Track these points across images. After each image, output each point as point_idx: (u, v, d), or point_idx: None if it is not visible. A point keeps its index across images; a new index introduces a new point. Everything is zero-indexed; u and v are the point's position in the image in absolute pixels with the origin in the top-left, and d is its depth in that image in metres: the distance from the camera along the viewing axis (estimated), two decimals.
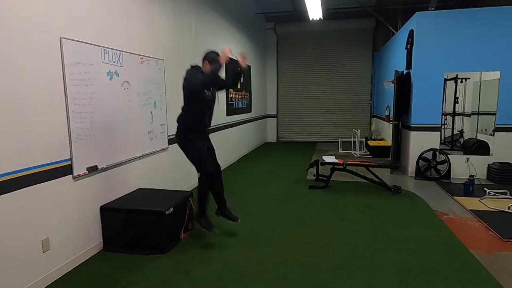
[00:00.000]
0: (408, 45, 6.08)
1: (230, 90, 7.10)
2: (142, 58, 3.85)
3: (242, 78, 3.36)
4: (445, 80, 6.24)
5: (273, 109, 11.05)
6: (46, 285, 2.59)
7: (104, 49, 3.21)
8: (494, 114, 6.61)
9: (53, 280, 2.66)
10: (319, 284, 2.58)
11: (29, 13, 2.42)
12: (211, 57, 3.28)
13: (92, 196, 3.12)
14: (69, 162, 2.82)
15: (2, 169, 2.24)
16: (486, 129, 7.10)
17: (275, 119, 11.11)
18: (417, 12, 5.78)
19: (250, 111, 8.91)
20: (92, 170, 3.08)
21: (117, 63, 3.41)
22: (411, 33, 5.98)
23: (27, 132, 2.43)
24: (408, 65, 6.09)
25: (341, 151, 8.74)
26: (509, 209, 4.03)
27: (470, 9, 5.60)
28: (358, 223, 3.82)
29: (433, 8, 5.88)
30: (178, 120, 3.34)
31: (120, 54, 3.45)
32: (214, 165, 3.41)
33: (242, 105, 8.17)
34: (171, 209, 3.17)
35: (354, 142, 8.55)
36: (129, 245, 3.15)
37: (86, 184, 3.03)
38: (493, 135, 6.15)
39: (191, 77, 3.18)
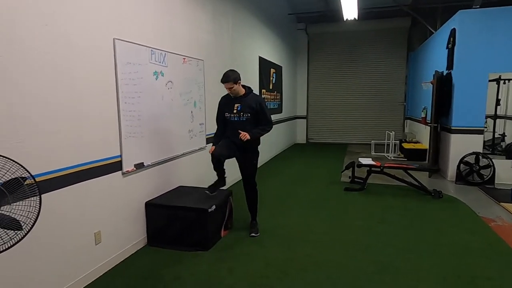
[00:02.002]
0: (450, 45, 5.87)
1: (262, 90, 7.13)
2: (184, 59, 3.94)
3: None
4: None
5: (302, 110, 10.99)
6: (97, 277, 2.70)
7: (151, 50, 3.32)
8: None
9: (103, 272, 2.77)
10: (363, 286, 2.54)
11: (85, 15, 2.53)
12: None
13: (138, 192, 3.23)
14: (119, 159, 2.93)
15: (60, 164, 2.36)
16: None
17: (305, 120, 11.03)
18: (460, 10, 5.58)
19: (281, 112, 8.91)
20: (139, 167, 3.18)
21: (162, 63, 3.51)
22: (453, 32, 5.77)
23: (83, 129, 2.55)
24: (449, 65, 5.88)
25: (373, 153, 8.56)
26: None
27: None
28: (398, 226, 3.73)
29: (478, 6, 5.64)
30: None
31: (165, 54, 3.55)
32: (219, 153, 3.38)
33: (274, 105, 8.19)
34: (214, 207, 3.23)
35: (388, 144, 8.35)
36: (172, 241, 3.24)
37: (133, 180, 3.13)
38: None
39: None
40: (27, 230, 1.63)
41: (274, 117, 8.09)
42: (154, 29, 3.39)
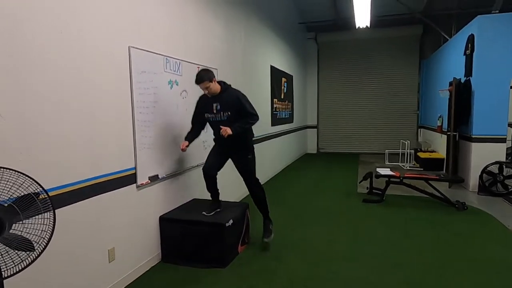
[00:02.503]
0: (468, 51, 5.72)
1: (274, 100, 7.02)
2: (198, 67, 3.82)
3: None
4: None
5: (313, 119, 10.85)
6: None
7: (166, 58, 3.22)
8: None
9: None
10: None
11: (100, 22, 2.44)
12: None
13: (153, 205, 3.09)
14: (133, 171, 2.80)
15: (73, 178, 2.23)
16: None
17: (315, 129, 10.88)
18: (478, 16, 5.43)
19: (292, 122, 8.77)
20: (154, 179, 3.05)
21: (177, 72, 3.41)
22: (471, 38, 5.62)
23: (97, 140, 2.43)
24: (468, 72, 5.71)
25: (387, 163, 8.35)
26: None
27: None
28: (425, 240, 3.52)
29: (497, 11, 5.49)
30: None
31: (180, 63, 3.45)
32: (210, 167, 3.30)
33: (285, 115, 8.06)
34: (231, 221, 3.07)
35: (403, 154, 8.14)
36: (187, 257, 3.08)
37: (147, 193, 3.00)
38: None
39: None
40: (40, 250, 1.49)
41: (285, 127, 7.98)
42: (168, 37, 3.30)
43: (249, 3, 5.49)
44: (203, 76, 3.05)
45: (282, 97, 7.71)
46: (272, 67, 6.81)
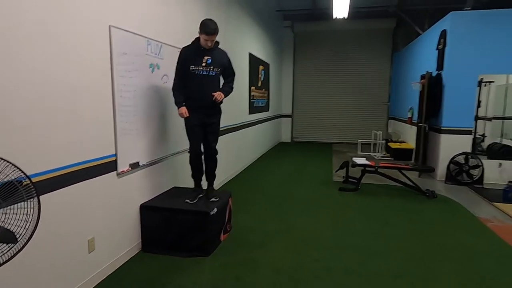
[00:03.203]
0: (440, 46, 5.92)
1: (251, 87, 6.95)
2: (179, 51, 3.69)
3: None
4: None
5: (288, 108, 10.90)
6: (91, 287, 2.44)
7: (148, 40, 3.06)
8: None
9: (97, 283, 2.51)
10: None
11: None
12: (200, 24, 2.95)
13: (133, 193, 2.97)
14: (114, 158, 2.67)
15: (51, 165, 2.08)
16: (506, 134, 6.97)
17: (290, 118, 10.95)
18: (451, 12, 5.62)
19: (268, 110, 8.76)
20: (135, 166, 2.93)
21: (158, 55, 3.26)
22: (443, 34, 5.82)
23: (77, 124, 2.27)
24: (440, 66, 5.93)
25: (360, 152, 8.58)
26: None
27: (507, 9, 5.43)
28: (402, 229, 3.65)
29: (469, 8, 5.71)
30: None
31: (161, 46, 3.30)
32: (205, 147, 3.21)
33: (262, 103, 8.02)
34: (215, 210, 3.02)
35: (374, 144, 8.39)
36: (169, 247, 3.00)
37: (128, 181, 2.88)
38: None
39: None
40: (24, 242, 1.38)
41: (261, 115, 7.96)
42: (150, 18, 3.14)
43: None
44: (216, 29, 2.94)
45: (259, 85, 7.66)
46: (250, 54, 6.72)
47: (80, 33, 2.27)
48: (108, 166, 2.61)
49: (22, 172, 1.36)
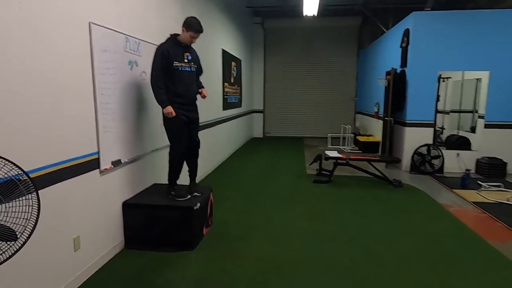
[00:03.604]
0: (403, 44, 6.27)
1: (225, 84, 7.00)
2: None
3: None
4: None
5: (259, 104, 11.04)
6: (78, 286, 2.44)
7: (126, 37, 3.05)
8: (471, 112, 7.06)
9: (84, 280, 2.51)
10: (358, 276, 2.62)
11: None
12: (187, 22, 3.10)
13: (116, 191, 2.98)
14: (96, 156, 2.66)
15: (34, 164, 2.06)
16: (462, 126, 7.54)
17: (262, 114, 11.10)
18: (413, 12, 5.97)
19: (241, 106, 8.85)
20: (117, 164, 2.93)
21: (136, 52, 3.26)
22: (406, 32, 6.16)
23: (59, 123, 2.26)
24: (403, 63, 6.29)
25: (330, 146, 8.89)
26: (508, 200, 4.28)
27: (464, 11, 5.87)
28: (372, 216, 3.91)
29: (429, 9, 6.09)
30: None
31: (139, 43, 3.30)
32: (188, 143, 3.24)
33: (235, 99, 8.09)
34: (199, 204, 3.09)
35: (344, 137, 8.74)
36: (153, 242, 3.04)
37: (110, 179, 2.88)
38: (472, 132, 6.59)
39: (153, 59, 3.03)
40: (24, 239, 1.40)
41: (234, 111, 8.03)
42: (128, 15, 3.13)
43: None
44: (202, 26, 3.09)
45: (232, 81, 7.72)
46: (223, 51, 6.76)
47: (61, 30, 2.24)
48: (90, 164, 2.60)
49: (21, 169, 1.38)
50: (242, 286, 2.49)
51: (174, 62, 3.03)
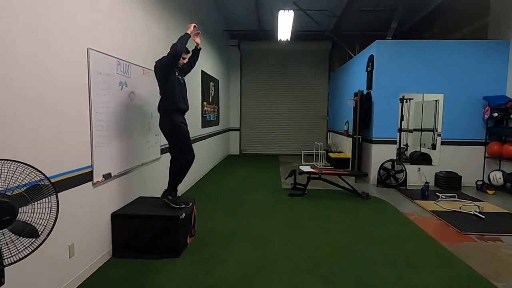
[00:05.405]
0: (369, 68, 6.89)
1: (204, 103, 7.33)
2: (144, 70, 3.99)
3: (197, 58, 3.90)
4: None
5: (236, 122, 11.41)
6: None
7: (118, 61, 3.34)
8: (432, 130, 7.75)
9: (77, 285, 2.69)
10: (329, 273, 2.95)
11: (60, 24, 2.52)
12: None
13: (106, 203, 3.18)
14: (90, 169, 2.89)
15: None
16: (424, 144, 8.22)
17: (238, 132, 11.46)
18: (376, 40, 6.61)
19: (218, 124, 9.17)
20: (107, 177, 3.15)
21: (126, 74, 3.54)
22: (371, 58, 6.79)
23: (60, 139, 2.50)
24: (369, 86, 6.89)
25: (304, 162, 9.33)
26: (460, 209, 4.80)
27: (421, 40, 6.58)
28: (342, 224, 4.28)
29: (390, 38, 6.76)
30: (159, 108, 3.48)
31: (128, 65, 3.59)
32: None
33: (213, 117, 8.42)
34: (184, 214, 3.34)
35: (316, 154, 9.21)
36: (140, 251, 3.24)
37: (101, 191, 3.09)
38: (432, 149, 7.23)
39: (163, 58, 3.45)
40: (45, 236, 1.63)
41: (212, 129, 8.34)
42: (119, 40, 3.43)
43: (186, 12, 5.75)
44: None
45: (210, 100, 8.07)
46: (202, 72, 7.12)
47: (63, 55, 2.52)
48: (85, 177, 2.83)
49: (44, 175, 1.63)
50: (226, 286, 2.75)
51: (176, 72, 3.46)
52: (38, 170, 1.61)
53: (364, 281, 2.84)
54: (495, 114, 6.01)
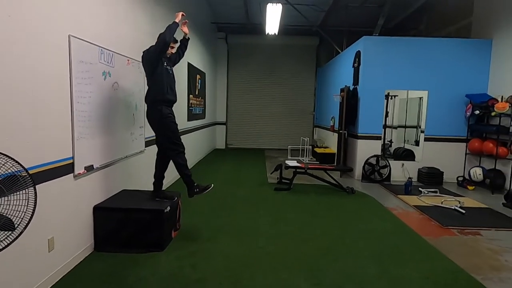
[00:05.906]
0: (355, 64, 6.92)
1: (190, 95, 7.23)
2: (128, 60, 3.89)
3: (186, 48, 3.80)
4: None
5: (222, 116, 11.33)
6: (51, 285, 2.54)
7: (101, 49, 3.23)
8: (415, 127, 7.88)
9: (57, 280, 2.61)
10: (315, 267, 2.96)
11: (40, 7, 2.41)
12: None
13: (88, 195, 3.10)
14: (71, 161, 2.80)
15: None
16: (408, 140, 8.36)
17: (224, 126, 11.38)
18: (364, 36, 6.64)
19: (204, 118, 9.08)
20: (89, 169, 3.06)
21: (110, 63, 3.44)
22: (358, 54, 6.82)
23: (39, 129, 2.40)
24: (355, 81, 6.92)
25: (290, 157, 9.34)
26: (441, 204, 4.90)
27: (407, 37, 6.64)
28: (328, 218, 4.31)
29: (377, 34, 6.80)
30: (147, 99, 3.39)
31: (112, 55, 3.48)
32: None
33: (199, 111, 8.32)
34: (168, 208, 3.29)
35: (302, 149, 9.25)
36: (122, 245, 3.17)
37: (83, 183, 3.00)
38: (416, 145, 7.36)
39: (151, 48, 3.36)
40: (21, 229, 1.56)
41: (198, 123, 8.25)
42: (103, 28, 3.32)
43: (172, 1, 5.63)
44: None
45: (197, 93, 7.97)
46: (189, 64, 7.01)
47: (43, 41, 2.41)
48: (65, 169, 2.73)
49: (21, 165, 1.56)
50: (212, 280, 2.72)
51: (165, 62, 3.37)
52: (14, 160, 1.53)
53: (350, 275, 2.85)
54: (477, 112, 6.15)
